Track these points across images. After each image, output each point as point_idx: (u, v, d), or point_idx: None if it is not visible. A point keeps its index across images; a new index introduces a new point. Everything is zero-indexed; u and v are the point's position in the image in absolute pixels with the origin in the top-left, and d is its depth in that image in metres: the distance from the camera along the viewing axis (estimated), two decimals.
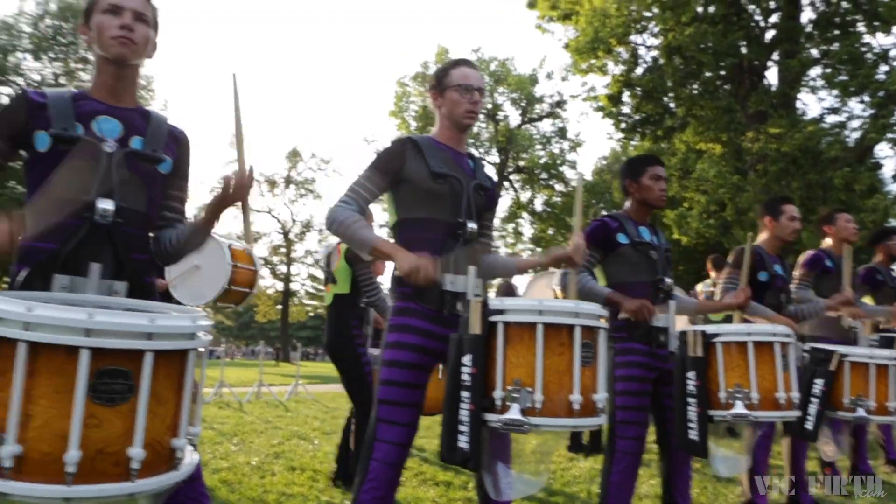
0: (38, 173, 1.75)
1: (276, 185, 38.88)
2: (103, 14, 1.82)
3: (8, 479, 1.16)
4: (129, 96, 1.93)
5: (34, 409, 1.18)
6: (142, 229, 1.89)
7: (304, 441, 6.21)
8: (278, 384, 13.92)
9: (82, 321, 1.18)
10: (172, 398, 1.32)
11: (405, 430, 2.23)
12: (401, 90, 27.95)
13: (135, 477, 1.23)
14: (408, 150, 2.39)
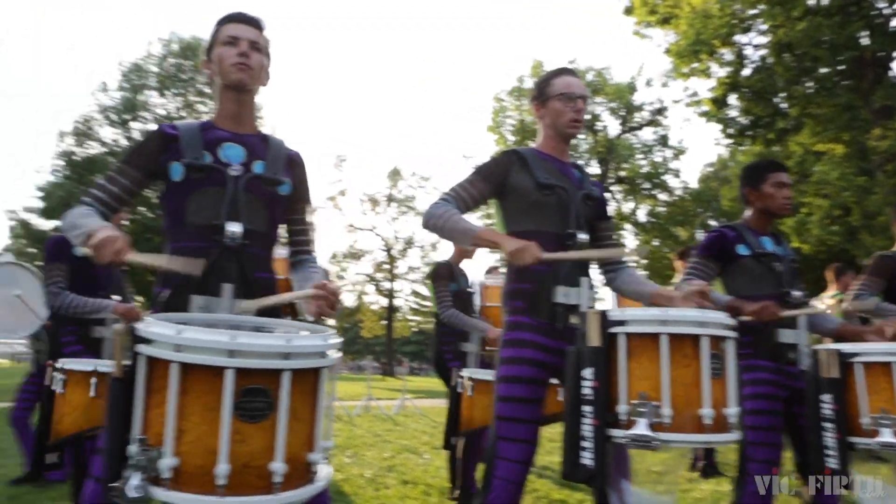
0: (174, 201, 1.89)
1: (379, 203, 39.97)
2: (222, 46, 1.97)
3: (167, 489, 1.26)
4: (250, 122, 2.05)
5: (186, 424, 1.27)
6: (265, 249, 1.99)
7: (415, 455, 6.29)
8: (385, 398, 14.22)
9: (226, 343, 1.26)
10: (308, 414, 1.38)
11: (526, 446, 2.20)
12: (497, 105, 28.11)
13: (277, 490, 1.29)
14: (513, 161, 2.39)
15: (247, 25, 2.00)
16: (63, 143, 27.15)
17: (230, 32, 1.97)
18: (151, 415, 1.32)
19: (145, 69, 27.91)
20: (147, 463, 1.25)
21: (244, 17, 2.02)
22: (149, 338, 1.32)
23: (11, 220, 27.73)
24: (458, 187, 2.37)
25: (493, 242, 2.19)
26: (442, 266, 4.40)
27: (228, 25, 2.00)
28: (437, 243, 41.61)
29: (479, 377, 3.70)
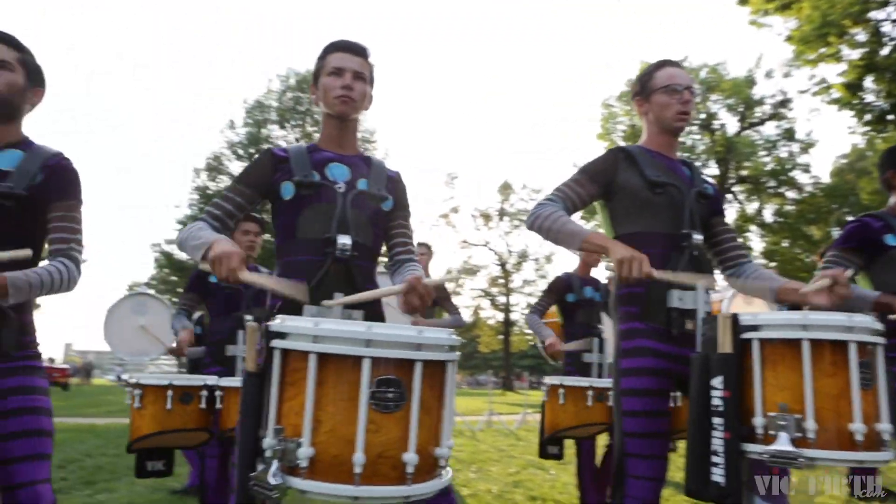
0: (285, 218, 2.00)
1: (491, 218, 40.17)
2: (328, 76, 2.06)
3: (305, 478, 1.30)
4: (352, 145, 2.15)
5: (323, 415, 1.31)
6: (371, 261, 2.06)
7: (541, 471, 6.19)
8: (506, 413, 14.15)
9: (362, 333, 1.30)
10: (436, 408, 1.39)
11: (658, 462, 2.06)
12: (606, 112, 27.53)
13: (410, 481, 1.30)
14: (620, 159, 2.28)
15: (351, 55, 2.07)
16: (198, 178, 29.48)
17: (335, 63, 2.05)
18: (286, 407, 1.37)
19: (266, 105, 29.81)
20: (284, 453, 1.31)
21: (349, 47, 2.08)
22: (285, 332, 1.38)
23: (156, 252, 30.36)
24: (565, 187, 2.28)
25: (602, 247, 2.07)
26: (557, 280, 4.40)
27: (334, 55, 2.07)
28: (551, 255, 41.25)
29: (569, 383, 3.67)
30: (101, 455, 6.55)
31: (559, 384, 3.64)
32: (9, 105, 1.96)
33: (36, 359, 1.99)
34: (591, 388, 3.55)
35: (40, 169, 1.97)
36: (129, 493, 4.87)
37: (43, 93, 2.10)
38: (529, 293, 41.44)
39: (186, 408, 3.07)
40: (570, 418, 3.58)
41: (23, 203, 1.91)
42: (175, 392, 3.05)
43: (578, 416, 3.55)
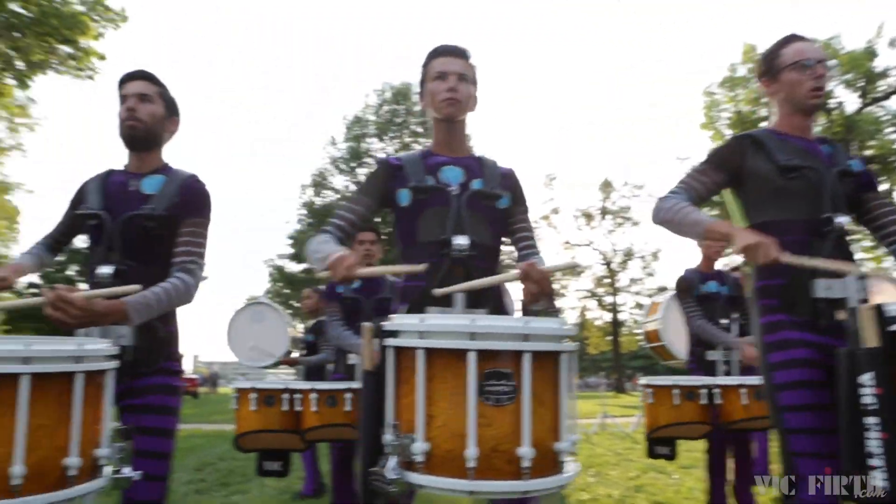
0: (404, 224, 2.05)
1: (593, 217, 39.35)
2: (433, 81, 2.10)
3: (421, 472, 1.31)
4: (462, 147, 2.17)
5: (435, 410, 1.32)
6: (491, 261, 2.05)
7: (663, 475, 5.97)
8: (620, 415, 13.77)
9: (466, 326, 1.30)
10: (551, 401, 1.36)
11: (828, 461, 1.88)
12: (709, 100, 26.22)
13: (526, 476, 1.28)
14: (747, 146, 2.16)
15: (453, 57, 2.11)
16: (304, 195, 30.81)
17: (439, 68, 2.09)
18: (401, 404, 1.39)
19: (364, 119, 30.73)
20: (401, 448, 1.32)
21: (450, 50, 2.12)
22: (395, 330, 1.40)
23: (269, 267, 31.99)
24: (689, 178, 2.20)
25: (725, 235, 1.97)
26: (681, 280, 4.19)
27: (437, 60, 2.11)
28: (658, 252, 39.86)
29: (655, 383, 3.61)
30: (232, 459, 6.94)
31: (647, 384, 3.64)
32: (151, 133, 2.18)
33: (176, 376, 2.14)
34: (675, 386, 3.50)
35: (177, 191, 2.15)
36: (260, 494, 5.13)
37: (178, 121, 2.31)
38: (637, 291, 40.25)
39: (270, 409, 3.27)
40: (661, 418, 3.56)
41: (163, 223, 2.09)
42: (259, 395, 3.26)
43: (668, 416, 3.52)
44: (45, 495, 1.38)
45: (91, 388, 1.52)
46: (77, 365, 1.48)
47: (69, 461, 1.42)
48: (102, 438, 1.55)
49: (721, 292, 4.10)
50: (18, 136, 27.82)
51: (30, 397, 1.37)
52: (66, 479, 1.42)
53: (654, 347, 9.05)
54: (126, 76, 2.23)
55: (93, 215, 2.09)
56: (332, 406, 3.22)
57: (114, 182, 2.19)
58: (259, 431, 3.26)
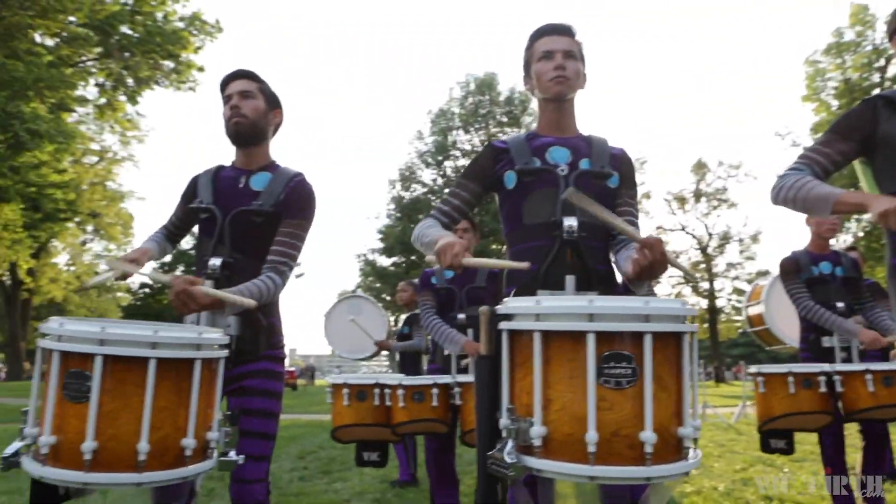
0: (510, 207, 2.02)
1: (686, 200, 37.91)
2: (539, 62, 2.05)
3: (539, 457, 1.29)
4: (571, 127, 2.11)
5: (552, 393, 1.29)
6: (602, 241, 2.00)
7: (772, 468, 5.69)
8: (720, 405, 13.25)
9: (584, 307, 1.26)
10: (673, 384, 1.31)
11: None
12: (812, 70, 24.60)
13: (649, 462, 1.23)
14: (879, 108, 1.96)
15: (558, 35, 2.05)
16: (393, 189, 31.35)
17: (544, 47, 2.04)
18: (518, 387, 1.37)
19: (450, 112, 30.88)
20: (518, 432, 1.30)
21: (555, 28, 2.06)
22: (510, 313, 1.38)
23: (359, 262, 32.78)
24: (811, 151, 2.03)
25: (858, 205, 1.78)
26: (785, 261, 3.90)
27: (541, 40, 2.07)
28: (758, 234, 37.93)
29: (767, 371, 3.36)
30: (332, 448, 7.17)
31: (757, 372, 3.41)
32: (256, 128, 2.26)
33: (279, 362, 2.24)
34: (790, 373, 3.25)
35: (283, 188, 2.22)
36: (360, 482, 5.28)
37: (281, 114, 2.38)
38: (735, 277, 38.48)
39: (362, 404, 3.29)
40: (775, 408, 3.33)
41: (269, 219, 2.18)
42: (351, 390, 3.29)
43: (782, 405, 3.29)
44: (166, 472, 1.48)
45: (206, 375, 1.61)
46: (197, 352, 1.57)
47: (186, 442, 1.52)
48: (213, 423, 1.65)
49: (836, 273, 3.79)
50: (130, 147, 29.86)
51: (155, 380, 1.47)
52: (183, 458, 1.52)
53: (757, 332, 8.63)
54: (227, 77, 2.32)
55: (205, 209, 2.20)
56: (420, 401, 3.20)
57: (224, 178, 2.29)
58: (353, 425, 3.32)
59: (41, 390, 1.51)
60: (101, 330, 1.46)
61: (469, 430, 3.14)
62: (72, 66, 20.59)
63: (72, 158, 23.86)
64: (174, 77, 22.36)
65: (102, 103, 22.94)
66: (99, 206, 31.06)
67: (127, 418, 1.45)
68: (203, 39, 22.37)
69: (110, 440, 1.43)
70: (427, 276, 3.95)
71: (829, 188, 1.87)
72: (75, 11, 17.77)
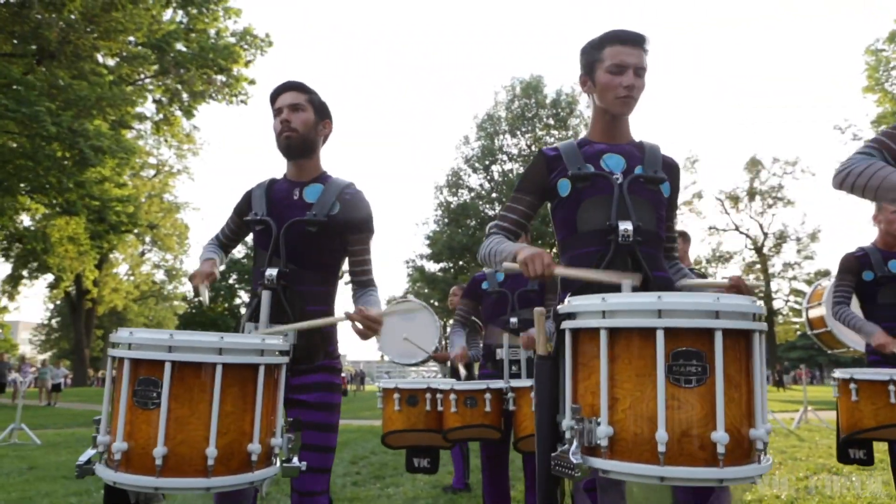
0: (564, 213, 1.99)
1: (740, 199, 36.92)
2: (607, 73, 1.95)
3: (606, 458, 1.26)
4: (625, 135, 2.07)
5: (619, 392, 1.27)
6: (656, 248, 1.96)
7: (837, 476, 5.45)
8: (780, 411, 12.84)
9: (653, 303, 1.24)
10: (744, 383, 1.27)
11: None
12: (874, 59, 23.63)
13: (722, 463, 1.20)
14: None
15: (632, 47, 1.95)
16: (440, 195, 31.44)
17: (616, 59, 1.94)
18: (582, 387, 1.35)
19: (496, 116, 30.82)
20: (583, 433, 1.28)
21: (631, 38, 1.96)
22: (574, 312, 1.36)
23: (408, 268, 32.96)
24: (884, 136, 1.91)
25: None
26: (846, 257, 3.70)
27: (615, 47, 1.95)
28: (816, 232, 36.63)
29: (861, 377, 3.04)
30: (384, 453, 7.21)
31: (850, 378, 3.09)
32: (307, 140, 2.28)
33: (336, 373, 2.28)
34: (891, 381, 2.94)
35: (336, 199, 2.26)
36: (413, 487, 5.29)
37: (331, 123, 2.40)
38: (793, 277, 37.28)
39: (413, 409, 3.23)
40: (869, 418, 3.01)
41: (323, 228, 2.21)
42: (402, 395, 3.25)
43: (878, 416, 2.98)
44: (233, 477, 1.51)
45: (269, 380, 1.64)
46: (260, 358, 1.60)
47: (252, 447, 1.54)
48: (277, 428, 1.67)
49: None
50: (185, 160, 30.84)
51: (222, 385, 1.50)
52: (249, 463, 1.54)
53: (818, 335, 8.31)
54: (277, 89, 2.33)
55: (260, 221, 2.24)
56: (473, 407, 3.14)
57: (278, 190, 2.33)
58: (404, 431, 3.27)
59: (112, 398, 1.55)
60: (170, 337, 1.50)
61: (523, 436, 3.08)
62: (131, 84, 21.40)
63: (131, 172, 24.80)
64: (226, 91, 22.99)
65: (159, 119, 23.78)
66: (156, 218, 32.16)
67: (195, 424, 1.48)
68: (254, 53, 22.97)
69: (180, 445, 1.46)
70: (477, 281, 3.93)
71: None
72: (135, 31, 18.47)
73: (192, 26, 21.79)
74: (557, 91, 30.29)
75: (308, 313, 2.13)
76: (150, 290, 37.63)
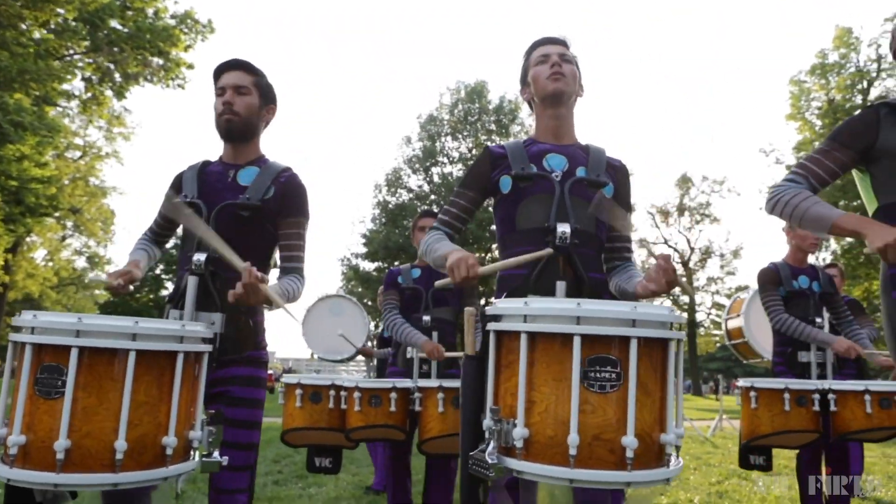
0: (505, 211, 2.03)
1: (670, 214, 38.27)
2: (535, 66, 2.09)
3: (520, 458, 1.28)
4: (569, 135, 2.12)
5: (537, 395, 1.29)
6: (595, 250, 2.01)
7: (746, 481, 5.71)
8: (696, 418, 13.37)
9: (572, 309, 1.27)
10: (657, 390, 1.32)
11: None
12: (797, 89, 24.94)
13: (630, 466, 1.24)
14: (882, 116, 1.95)
15: (554, 45, 2.13)
16: (379, 194, 31.25)
17: (541, 52, 2.10)
18: (503, 388, 1.37)
19: (439, 118, 30.88)
20: (500, 434, 1.30)
21: (551, 39, 2.14)
22: (498, 314, 1.38)
23: (342, 266, 32.61)
24: (809, 162, 2.01)
25: (856, 233, 1.78)
26: (763, 272, 3.89)
27: (538, 49, 2.13)
28: (739, 249, 38.36)
29: (760, 386, 3.21)
30: None
31: (750, 386, 3.25)
32: (248, 125, 2.22)
33: (263, 367, 2.21)
34: (786, 390, 3.12)
35: (272, 183, 2.19)
36: (335, 487, 5.24)
37: (275, 109, 2.33)
38: (715, 291, 38.88)
39: (316, 406, 3.13)
40: (766, 425, 3.17)
41: (256, 212, 2.14)
42: (304, 391, 3.14)
43: (773, 423, 3.14)
44: (144, 472, 1.43)
45: (189, 370, 1.56)
46: (180, 345, 1.52)
47: (167, 440, 1.46)
48: (196, 421, 1.59)
49: (813, 288, 3.78)
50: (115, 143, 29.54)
51: (135, 374, 1.42)
52: (164, 457, 1.47)
53: (736, 345, 8.70)
54: (222, 66, 2.24)
55: (190, 203, 2.16)
56: (377, 406, 3.04)
57: (210, 172, 2.25)
58: (305, 429, 3.17)
59: (11, 387, 1.45)
60: (78, 321, 1.41)
61: (427, 437, 3.02)
62: (58, 58, 20.36)
63: (54, 152, 23.57)
64: (163, 74, 22.18)
65: (88, 98, 22.70)
66: (79, 202, 30.69)
67: (104, 415, 1.40)
68: (194, 38, 22.24)
69: (85, 438, 1.38)
70: (393, 274, 3.89)
71: (828, 209, 1.86)
72: (65, 3, 17.57)
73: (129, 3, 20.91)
74: (501, 97, 30.60)
75: None
76: (70, 277, 35.93)
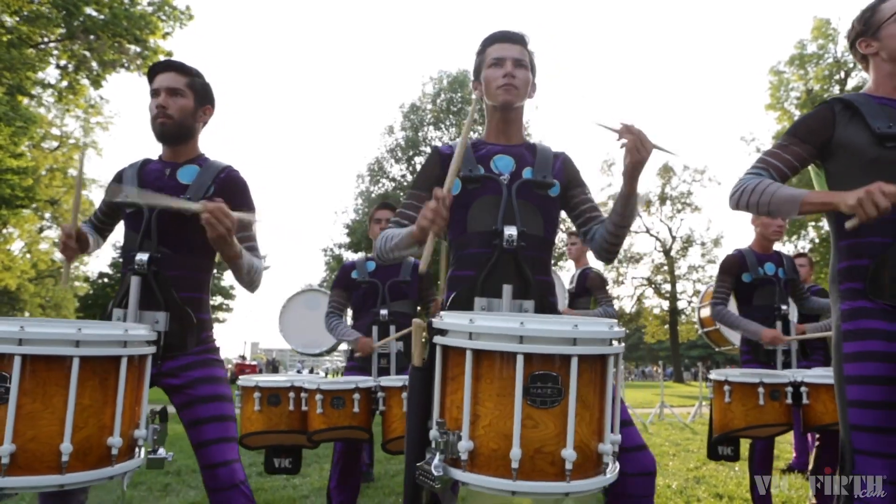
0: (455, 213, 2.02)
1: (651, 203, 38.51)
2: (489, 68, 2.07)
3: (465, 470, 1.33)
4: (517, 135, 2.14)
5: (481, 409, 1.33)
6: (542, 252, 2.03)
7: (724, 467, 5.82)
8: (678, 405, 13.55)
9: (516, 329, 1.30)
10: (597, 403, 1.36)
11: (893, 462, 1.78)
12: (776, 79, 25.17)
13: (569, 477, 1.28)
14: (838, 112, 1.97)
15: (510, 44, 2.07)
16: (362, 184, 31.16)
17: (495, 55, 2.06)
18: (448, 401, 1.41)
19: (422, 108, 30.80)
20: (446, 445, 1.34)
21: (507, 36, 2.08)
22: (445, 329, 1.42)
23: (326, 256, 32.52)
24: (768, 156, 2.04)
25: (827, 204, 1.80)
26: (728, 259, 3.91)
27: (493, 47, 2.08)
28: (720, 238, 38.74)
29: (734, 380, 3.16)
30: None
31: (724, 380, 3.17)
32: (183, 127, 2.20)
33: (215, 352, 2.21)
34: (761, 384, 3.06)
35: (213, 181, 2.19)
36: (319, 478, 5.26)
37: (212, 110, 2.31)
38: (696, 279, 39.27)
39: (274, 409, 3.02)
40: (739, 419, 3.12)
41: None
42: (262, 394, 3.00)
43: (747, 417, 3.10)
44: (90, 472, 1.48)
45: (133, 372, 1.61)
46: (123, 349, 1.56)
47: (112, 440, 1.52)
48: (140, 420, 1.65)
49: (779, 275, 3.83)
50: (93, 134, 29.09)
51: (79, 379, 1.46)
52: (109, 457, 1.52)
53: (708, 333, 8.86)
54: (154, 67, 2.23)
55: (130, 203, 2.15)
56: (340, 408, 2.93)
57: (150, 171, 2.23)
58: (264, 433, 3.04)
59: None
60: (20, 329, 1.44)
61: (392, 437, 2.97)
62: (32, 46, 20.00)
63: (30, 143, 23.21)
64: (140, 62, 21.86)
65: (64, 86, 22.33)
66: (57, 193, 30.28)
67: (49, 419, 1.44)
68: (172, 25, 21.92)
69: (30, 442, 1.42)
70: (346, 269, 3.85)
71: (794, 189, 1.89)
72: None
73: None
74: None
75: (180, 299, 2.08)
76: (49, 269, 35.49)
